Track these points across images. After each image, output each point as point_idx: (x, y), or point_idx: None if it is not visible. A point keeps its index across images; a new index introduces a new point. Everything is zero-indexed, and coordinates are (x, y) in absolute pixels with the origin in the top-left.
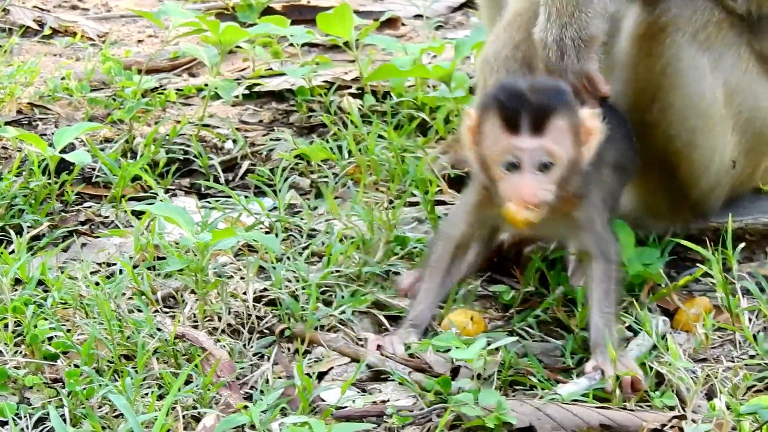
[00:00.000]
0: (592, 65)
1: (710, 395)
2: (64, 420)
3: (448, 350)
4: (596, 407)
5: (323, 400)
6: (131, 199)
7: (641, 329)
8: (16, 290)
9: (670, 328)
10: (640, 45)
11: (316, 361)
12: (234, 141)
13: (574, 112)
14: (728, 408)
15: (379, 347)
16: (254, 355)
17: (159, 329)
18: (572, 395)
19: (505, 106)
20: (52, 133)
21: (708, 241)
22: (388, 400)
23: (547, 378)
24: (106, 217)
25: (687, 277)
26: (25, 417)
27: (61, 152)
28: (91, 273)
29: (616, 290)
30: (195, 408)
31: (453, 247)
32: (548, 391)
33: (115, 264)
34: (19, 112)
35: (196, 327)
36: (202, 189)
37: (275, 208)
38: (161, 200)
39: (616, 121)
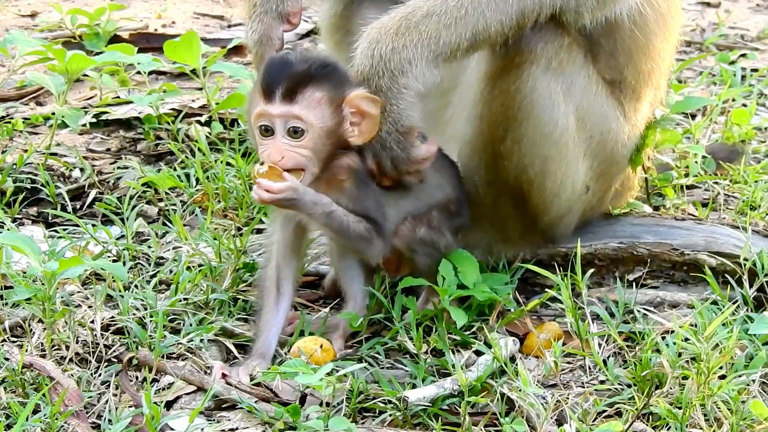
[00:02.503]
0: (416, 151)
1: (560, 421)
2: None
3: (295, 376)
4: None
5: (172, 429)
6: None
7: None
8: None
9: (519, 351)
10: (493, 83)
11: (164, 389)
12: (81, 169)
13: (337, 88)
14: None
15: (224, 376)
16: (102, 383)
17: (6, 359)
18: (420, 401)
19: (265, 75)
20: None
21: (557, 266)
22: (237, 429)
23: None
24: None
25: (535, 300)
26: None
27: None
28: None
29: None
30: None
31: (276, 261)
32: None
33: None
34: None
35: (44, 356)
36: (50, 218)
37: (123, 236)
38: (8, 229)
39: (444, 166)
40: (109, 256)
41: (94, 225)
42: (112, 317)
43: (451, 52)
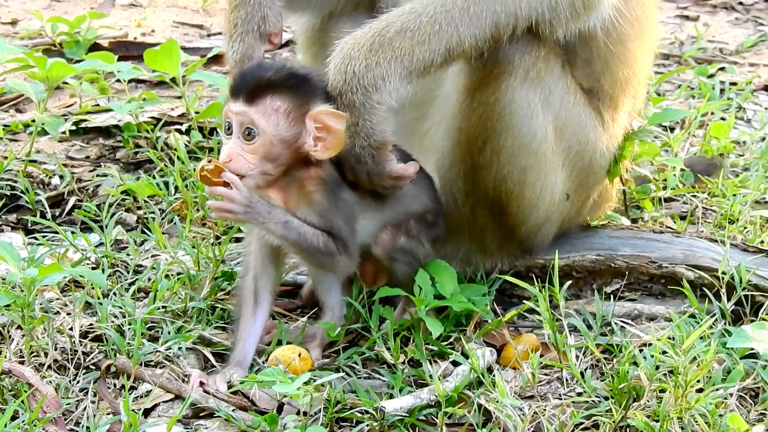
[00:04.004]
0: (391, 166)
1: None
2: None
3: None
4: None
5: None
6: None
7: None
8: None
9: (496, 362)
10: (472, 96)
11: (141, 397)
12: (61, 177)
13: (300, 100)
14: None
15: (202, 384)
16: (80, 390)
17: None
18: (397, 411)
19: (238, 76)
20: None
21: (535, 278)
22: None
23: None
24: None
25: (513, 312)
26: None
27: None
28: None
29: None
30: None
31: (254, 270)
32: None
33: None
34: None
35: (22, 363)
36: (29, 225)
37: (102, 243)
38: None
39: (420, 177)
40: (88, 264)
41: (73, 232)
42: (91, 324)
43: (424, 68)
